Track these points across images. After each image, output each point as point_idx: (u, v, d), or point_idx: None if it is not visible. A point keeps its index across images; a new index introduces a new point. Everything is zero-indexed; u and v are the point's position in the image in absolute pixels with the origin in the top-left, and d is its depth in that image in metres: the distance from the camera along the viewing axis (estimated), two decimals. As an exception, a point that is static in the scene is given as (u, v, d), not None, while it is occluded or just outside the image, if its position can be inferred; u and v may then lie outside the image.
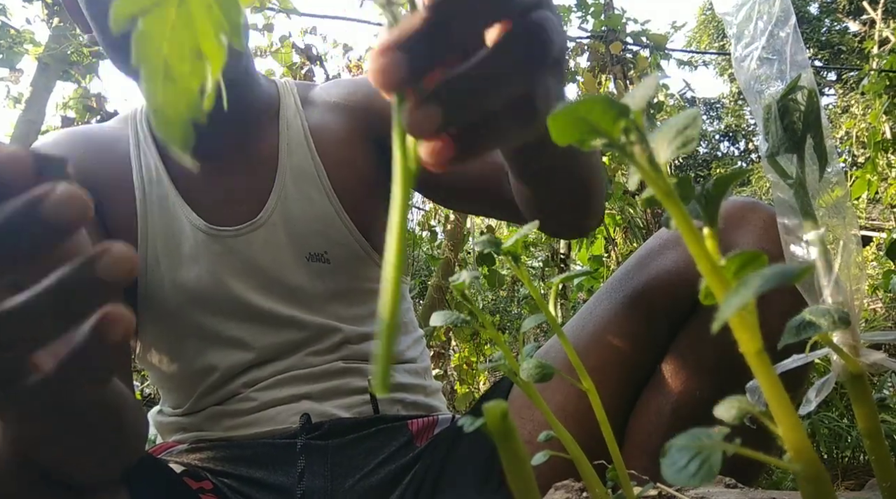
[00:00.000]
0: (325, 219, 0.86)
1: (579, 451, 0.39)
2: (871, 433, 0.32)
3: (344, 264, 0.86)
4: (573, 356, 0.40)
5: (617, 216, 3.95)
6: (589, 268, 3.95)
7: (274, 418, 0.80)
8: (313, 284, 0.85)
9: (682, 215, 0.23)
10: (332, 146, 0.89)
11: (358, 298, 0.88)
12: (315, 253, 0.85)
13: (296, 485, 0.75)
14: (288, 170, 0.87)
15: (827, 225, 0.35)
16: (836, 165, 0.36)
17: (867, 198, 5.11)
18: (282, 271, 0.85)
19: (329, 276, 0.86)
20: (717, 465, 0.24)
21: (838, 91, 12.58)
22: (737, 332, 0.24)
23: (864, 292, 0.36)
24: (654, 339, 0.71)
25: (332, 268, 0.86)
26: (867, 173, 4.59)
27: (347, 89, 0.94)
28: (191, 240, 0.83)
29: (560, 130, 0.23)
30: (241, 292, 0.83)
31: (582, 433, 0.55)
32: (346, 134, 0.90)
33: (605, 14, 3.97)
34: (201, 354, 0.84)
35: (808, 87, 0.35)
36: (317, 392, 0.82)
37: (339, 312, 0.86)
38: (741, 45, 0.39)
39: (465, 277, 0.44)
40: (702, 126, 0.34)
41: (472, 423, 0.33)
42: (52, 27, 2.84)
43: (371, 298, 0.89)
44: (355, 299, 0.88)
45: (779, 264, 0.20)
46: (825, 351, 0.35)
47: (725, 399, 0.28)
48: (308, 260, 0.85)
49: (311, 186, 0.87)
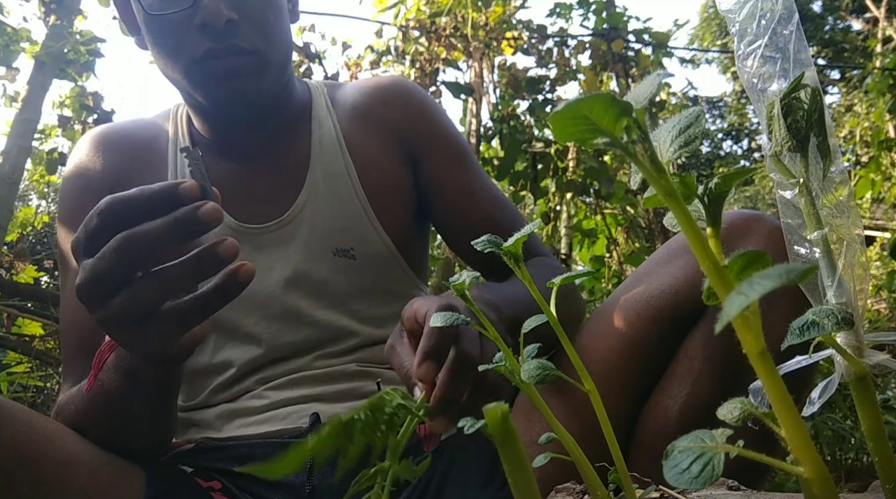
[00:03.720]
0: (353, 216, 0.87)
1: (580, 453, 0.38)
2: (875, 435, 0.31)
3: (369, 262, 0.87)
4: (574, 357, 0.40)
5: (619, 216, 3.95)
6: (590, 268, 3.95)
7: (285, 418, 0.81)
8: (337, 280, 0.86)
9: (684, 215, 0.23)
10: (363, 149, 0.90)
11: (380, 298, 0.88)
12: (341, 248, 0.86)
13: (304, 483, 0.75)
14: (319, 168, 0.88)
15: (831, 225, 0.35)
16: (839, 165, 0.36)
17: (871, 197, 5.10)
18: (307, 265, 0.85)
19: (354, 272, 0.86)
20: (719, 467, 0.24)
21: (841, 90, 12.56)
22: (740, 333, 0.23)
23: (867, 293, 0.36)
24: (661, 344, 0.72)
25: (357, 265, 0.86)
26: (871, 173, 4.58)
27: (380, 97, 0.94)
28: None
29: (561, 128, 0.23)
30: (265, 288, 0.84)
31: (592, 436, 0.54)
32: (378, 142, 0.92)
33: (607, 12, 3.97)
34: (219, 348, 0.84)
35: (811, 86, 0.35)
36: (329, 394, 0.83)
37: (360, 311, 0.87)
38: (744, 43, 0.39)
39: (466, 278, 0.44)
40: (704, 125, 0.34)
41: (472, 425, 0.33)
42: (49, 25, 2.84)
43: (392, 300, 0.89)
44: (377, 299, 0.88)
45: (782, 265, 0.20)
46: (829, 352, 0.35)
47: (729, 401, 0.28)
48: (334, 255, 0.86)
49: (341, 185, 0.88)
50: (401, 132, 0.92)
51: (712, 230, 0.25)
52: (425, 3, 3.90)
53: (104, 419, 0.68)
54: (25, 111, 2.74)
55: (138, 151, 0.89)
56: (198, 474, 0.77)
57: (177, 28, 0.77)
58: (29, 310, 2.63)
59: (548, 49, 3.90)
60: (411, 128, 0.92)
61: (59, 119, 3.21)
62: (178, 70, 0.80)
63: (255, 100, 0.81)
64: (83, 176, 0.87)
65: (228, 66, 0.77)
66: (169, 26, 0.77)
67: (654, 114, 0.24)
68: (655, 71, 0.51)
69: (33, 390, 2.51)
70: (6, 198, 2.61)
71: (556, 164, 3.73)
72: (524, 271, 0.42)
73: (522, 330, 0.43)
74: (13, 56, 2.90)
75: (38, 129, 2.95)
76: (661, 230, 3.63)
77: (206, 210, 0.50)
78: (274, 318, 0.84)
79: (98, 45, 2.98)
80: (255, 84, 0.80)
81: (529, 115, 3.83)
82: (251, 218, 0.86)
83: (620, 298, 0.76)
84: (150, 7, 0.77)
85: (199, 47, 0.76)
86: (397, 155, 0.92)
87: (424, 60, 3.72)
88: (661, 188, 0.23)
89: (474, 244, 0.45)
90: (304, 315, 0.84)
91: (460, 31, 3.73)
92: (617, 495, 0.43)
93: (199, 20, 0.75)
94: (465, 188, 0.91)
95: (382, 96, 0.94)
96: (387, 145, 0.92)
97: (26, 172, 3.19)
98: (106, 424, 0.68)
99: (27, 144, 2.75)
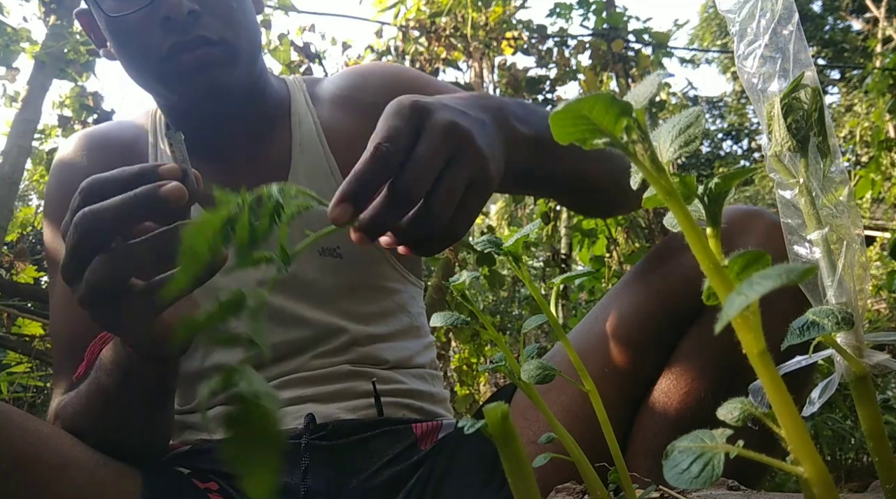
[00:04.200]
0: None
1: (580, 453, 0.38)
2: (875, 435, 0.31)
3: (356, 260, 0.86)
4: (574, 357, 0.40)
5: (619, 216, 3.95)
6: (590, 268, 3.95)
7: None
8: (325, 279, 0.85)
9: (684, 215, 0.23)
10: (344, 143, 0.89)
11: (368, 294, 0.88)
12: (327, 247, 0.85)
13: (299, 484, 0.75)
14: (301, 168, 0.87)
15: (831, 225, 0.35)
16: (839, 164, 0.36)
17: (871, 197, 5.10)
18: (294, 266, 0.84)
19: (341, 270, 0.86)
20: (719, 467, 0.24)
21: (841, 90, 12.55)
22: (740, 333, 0.23)
23: (867, 293, 0.36)
24: (659, 342, 0.71)
25: (343, 263, 0.86)
26: (871, 173, 4.58)
27: (356, 82, 0.93)
28: None
29: (561, 128, 0.23)
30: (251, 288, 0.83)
31: (589, 435, 0.54)
32: (359, 131, 0.90)
33: (607, 12, 3.97)
34: (209, 352, 0.84)
35: (811, 86, 0.35)
36: (322, 395, 0.82)
37: (349, 308, 0.86)
38: (744, 43, 0.38)
39: (466, 278, 0.44)
40: (704, 125, 0.34)
41: (472, 425, 0.33)
42: (49, 25, 2.83)
43: (382, 296, 0.89)
44: (366, 296, 0.88)
45: (782, 264, 0.20)
46: (829, 352, 0.35)
47: (728, 401, 0.28)
48: (320, 254, 0.85)
49: (325, 183, 0.87)
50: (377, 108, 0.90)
51: (712, 230, 0.25)
52: (425, 3, 3.90)
53: (103, 421, 0.68)
54: (25, 111, 2.74)
55: (120, 151, 0.88)
56: (194, 475, 0.77)
57: (140, 28, 0.76)
58: (29, 310, 2.63)
59: (548, 49, 3.90)
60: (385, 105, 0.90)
61: (59, 119, 3.21)
62: (148, 70, 0.79)
63: (227, 91, 0.80)
64: (67, 176, 0.87)
65: (197, 57, 0.76)
66: (132, 27, 0.77)
67: (654, 114, 0.24)
68: (655, 71, 0.51)
69: (33, 390, 2.51)
70: (6, 198, 2.62)
71: (556, 164, 3.72)
72: (524, 272, 0.42)
73: (523, 330, 0.43)
74: (13, 56, 2.90)
75: (38, 129, 2.95)
76: (661, 230, 3.63)
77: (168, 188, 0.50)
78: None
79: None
80: (226, 75, 0.79)
81: (529, 115, 3.82)
82: None
83: (617, 297, 0.76)
84: (111, 10, 0.77)
85: (164, 43, 0.76)
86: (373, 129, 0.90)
87: (424, 60, 3.72)
88: (661, 188, 0.23)
89: (474, 244, 0.45)
90: (292, 315, 0.84)
91: (460, 31, 3.73)
92: (617, 495, 0.43)
93: (162, 14, 0.74)
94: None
95: (359, 82, 0.93)
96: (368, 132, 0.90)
97: (26, 172, 3.19)
98: (105, 425, 0.68)
99: (27, 144, 2.75)
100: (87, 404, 0.68)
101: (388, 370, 0.87)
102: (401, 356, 0.88)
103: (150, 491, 0.69)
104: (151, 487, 0.69)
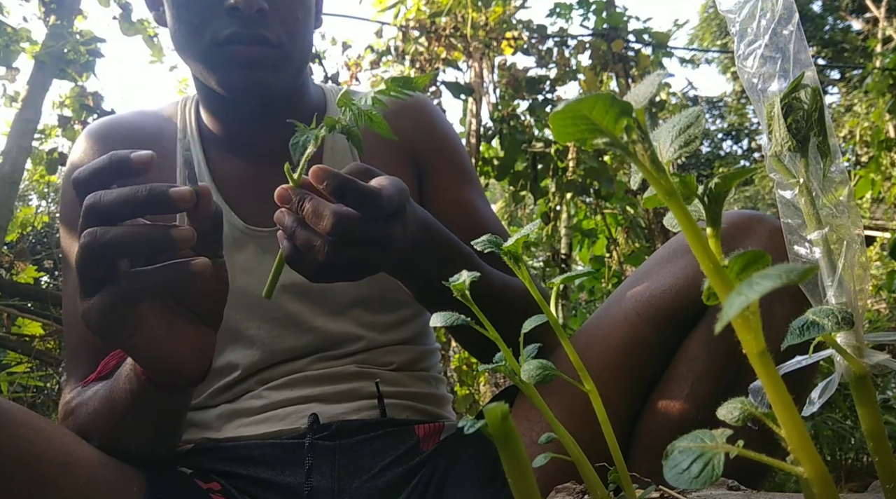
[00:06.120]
0: None
1: (580, 453, 0.38)
2: (875, 435, 0.31)
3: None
4: (574, 357, 0.40)
5: (619, 216, 3.95)
6: (590, 268, 3.95)
7: (284, 419, 0.80)
8: (342, 289, 0.85)
9: (684, 215, 0.23)
10: (374, 157, 0.90)
11: (384, 305, 0.88)
12: None
13: (303, 484, 0.75)
14: None
15: (831, 225, 0.35)
16: (839, 164, 0.36)
17: (871, 197, 5.10)
18: None
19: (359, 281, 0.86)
20: (719, 467, 0.24)
21: (841, 90, 12.55)
22: (740, 333, 0.23)
23: (867, 293, 0.36)
24: (662, 344, 0.72)
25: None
26: (871, 173, 4.58)
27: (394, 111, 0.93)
28: (228, 239, 0.84)
29: (561, 128, 0.23)
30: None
31: (590, 435, 0.54)
32: (390, 152, 0.91)
33: (607, 12, 3.97)
34: (221, 351, 0.84)
35: (811, 86, 0.35)
36: (328, 395, 0.82)
37: (363, 318, 0.86)
38: (744, 44, 0.38)
39: (465, 278, 0.44)
40: (704, 125, 0.34)
41: (472, 425, 0.33)
42: (49, 25, 2.83)
43: (397, 308, 0.89)
44: (381, 307, 0.88)
45: (782, 264, 0.20)
46: (829, 352, 0.35)
47: (729, 401, 0.28)
48: None
49: None
50: (411, 144, 0.92)
51: (712, 230, 0.25)
52: (425, 3, 3.90)
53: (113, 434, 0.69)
54: (25, 111, 2.74)
55: (143, 143, 0.87)
56: (197, 475, 0.77)
57: (204, 7, 0.76)
58: (29, 310, 2.63)
59: (548, 49, 3.90)
60: (421, 141, 0.92)
61: (59, 119, 3.20)
62: (198, 50, 0.78)
63: (268, 93, 0.80)
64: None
65: (251, 54, 0.77)
66: (196, 4, 0.76)
67: (654, 114, 0.24)
68: (655, 71, 0.51)
69: (33, 390, 2.51)
70: (6, 198, 2.61)
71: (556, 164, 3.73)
72: (524, 272, 0.42)
73: (523, 330, 0.43)
74: (13, 56, 2.90)
75: (38, 129, 2.95)
76: (661, 230, 3.63)
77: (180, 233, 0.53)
78: (275, 323, 0.84)
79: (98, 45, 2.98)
80: (271, 77, 0.79)
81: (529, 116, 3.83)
82: (258, 220, 0.85)
83: (621, 298, 0.76)
84: None
85: (224, 29, 0.75)
86: (406, 166, 0.92)
87: (424, 60, 3.72)
88: (661, 188, 0.23)
89: (474, 244, 0.46)
90: (306, 322, 0.84)
91: (460, 31, 3.73)
92: (617, 495, 0.43)
93: (231, 2, 0.74)
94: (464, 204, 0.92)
95: (397, 107, 0.94)
96: (397, 155, 0.92)
97: (26, 172, 3.18)
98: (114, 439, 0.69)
99: (27, 144, 2.75)
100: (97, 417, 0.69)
101: (393, 372, 0.87)
102: (407, 359, 0.89)
103: (153, 492, 0.69)
104: (154, 487, 0.70)
